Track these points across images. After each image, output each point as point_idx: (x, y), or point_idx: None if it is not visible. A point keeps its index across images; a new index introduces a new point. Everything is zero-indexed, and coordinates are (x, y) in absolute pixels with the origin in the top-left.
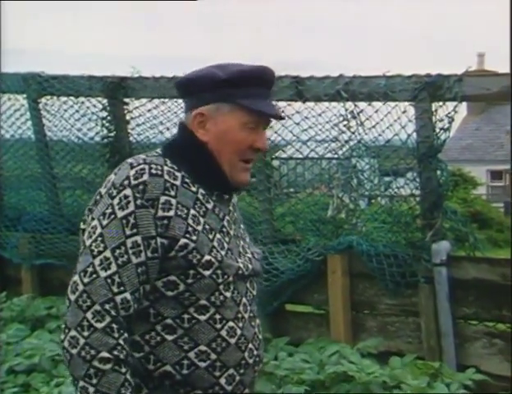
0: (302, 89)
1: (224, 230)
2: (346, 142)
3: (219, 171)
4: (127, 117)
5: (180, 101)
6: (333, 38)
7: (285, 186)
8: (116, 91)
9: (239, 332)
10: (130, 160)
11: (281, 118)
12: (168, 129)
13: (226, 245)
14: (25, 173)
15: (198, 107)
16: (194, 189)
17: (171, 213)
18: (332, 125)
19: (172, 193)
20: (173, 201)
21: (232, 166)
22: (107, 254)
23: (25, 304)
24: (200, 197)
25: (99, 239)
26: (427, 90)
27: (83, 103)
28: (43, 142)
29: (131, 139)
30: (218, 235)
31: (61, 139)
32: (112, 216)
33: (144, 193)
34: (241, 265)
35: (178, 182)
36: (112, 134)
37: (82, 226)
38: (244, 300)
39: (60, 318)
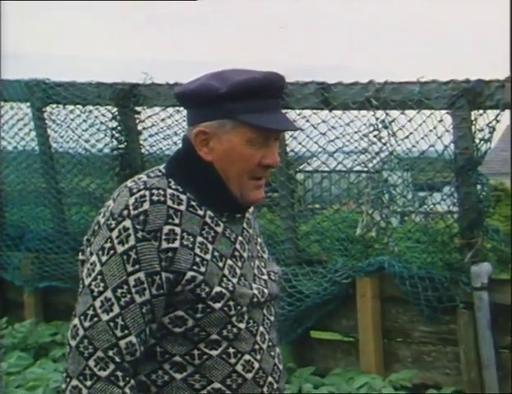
0: (328, 96)
1: (236, 254)
2: (377, 154)
3: (227, 192)
4: (139, 127)
5: None
6: (363, 40)
7: (310, 202)
8: (127, 99)
9: (256, 365)
10: (129, 184)
11: (292, 130)
12: None
13: (238, 270)
14: (28, 188)
15: (200, 123)
16: (201, 212)
17: (176, 243)
18: (362, 135)
19: (176, 220)
20: (178, 230)
21: (242, 185)
22: (109, 294)
23: (27, 330)
24: (208, 221)
25: (99, 277)
26: (466, 97)
27: (91, 111)
28: (48, 154)
29: (143, 150)
30: (229, 262)
31: (68, 151)
32: (112, 251)
33: (146, 224)
34: (256, 292)
35: (183, 207)
36: (122, 145)
37: (81, 256)
38: (261, 328)
39: (66, 345)
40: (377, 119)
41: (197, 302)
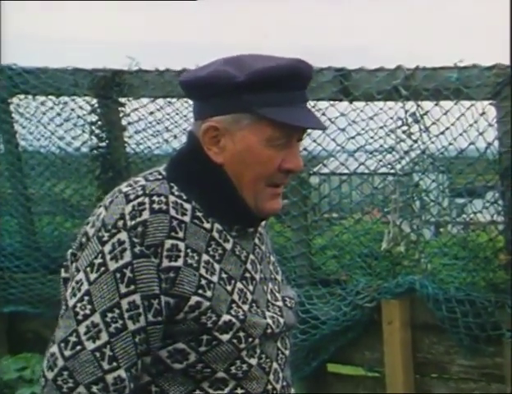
0: (349, 84)
1: (247, 275)
2: (406, 153)
3: (240, 201)
4: (123, 122)
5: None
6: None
7: (327, 210)
8: (109, 88)
9: None
10: (124, 189)
11: (321, 128)
12: (176, 137)
13: (249, 295)
14: None
15: (210, 117)
16: (207, 225)
17: (179, 262)
18: (388, 131)
19: (180, 234)
20: (181, 246)
21: (257, 193)
22: (96, 318)
23: None
24: (216, 235)
25: (86, 298)
26: None
27: (66, 103)
28: (15, 154)
29: (128, 149)
30: (239, 285)
31: (39, 151)
32: (103, 268)
33: (145, 237)
34: (270, 321)
35: (187, 218)
36: (103, 143)
37: (63, 274)
38: (274, 365)
39: (35, 382)
40: (406, 112)
41: (201, 333)
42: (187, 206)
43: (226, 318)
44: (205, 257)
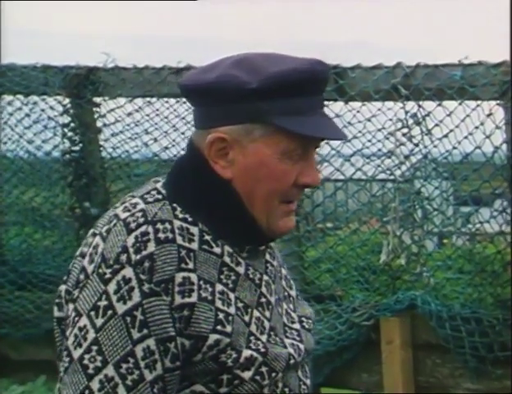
0: (344, 83)
1: (263, 300)
2: (407, 158)
3: (250, 220)
4: (98, 124)
5: (174, 101)
6: (390, 11)
7: (321, 220)
8: (83, 87)
9: None
10: (122, 214)
11: (342, 138)
12: (156, 140)
13: (266, 323)
14: None
15: (217, 127)
16: (217, 250)
17: (194, 297)
18: (387, 133)
19: (190, 265)
20: (194, 278)
21: (269, 211)
22: (110, 371)
23: None
24: (227, 260)
25: (94, 348)
26: None
27: (36, 103)
28: None
29: (104, 154)
30: (256, 313)
31: (5, 155)
32: (110, 312)
33: (153, 273)
34: (292, 350)
35: (195, 245)
36: (76, 147)
37: (57, 313)
38: None
39: None
40: (406, 113)
41: (221, 372)
42: (194, 230)
43: (246, 353)
44: (219, 287)
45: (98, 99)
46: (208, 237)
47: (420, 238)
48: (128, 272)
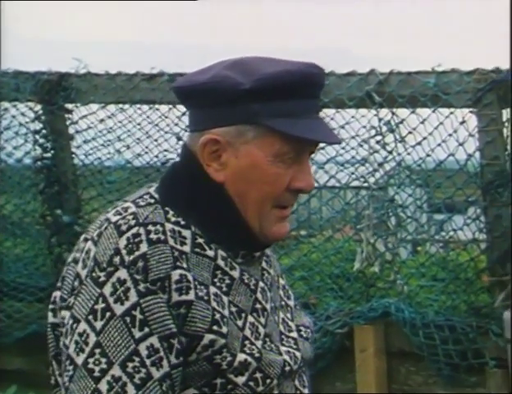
0: None
1: (258, 306)
2: (380, 165)
3: (243, 225)
4: (70, 131)
5: (147, 107)
6: (364, 18)
7: (294, 227)
8: (55, 93)
9: None
10: (113, 217)
11: (337, 142)
12: (129, 147)
13: (262, 329)
14: None
15: (210, 129)
16: (210, 253)
17: (191, 295)
18: (361, 141)
19: (184, 264)
20: (190, 276)
21: (262, 216)
22: (117, 371)
23: None
24: (221, 264)
25: (97, 351)
26: (496, 92)
27: (6, 109)
28: None
29: (76, 161)
30: (251, 318)
31: None
32: (108, 314)
33: (147, 272)
34: (287, 357)
35: (187, 248)
36: (48, 154)
37: (51, 319)
38: None
39: None
40: (380, 120)
41: (215, 376)
42: (186, 233)
43: (241, 357)
44: (213, 289)
45: (70, 106)
46: (200, 240)
47: (394, 245)
48: (122, 273)
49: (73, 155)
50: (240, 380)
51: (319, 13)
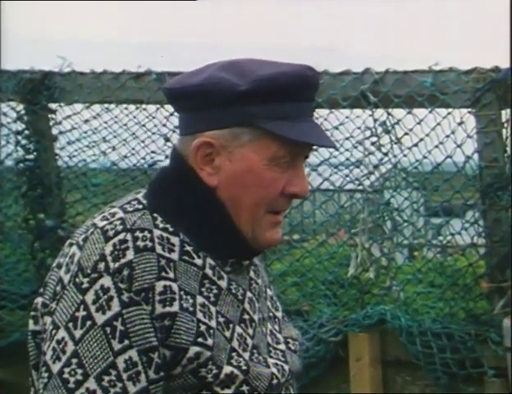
0: None
1: (246, 317)
2: (376, 167)
3: (235, 231)
4: (54, 131)
5: (133, 107)
6: (360, 15)
7: (287, 232)
8: (38, 93)
9: None
10: (100, 222)
11: (332, 146)
12: (115, 148)
13: (249, 340)
14: None
15: (203, 132)
16: (198, 261)
17: (175, 306)
18: (355, 142)
19: (171, 274)
20: (175, 287)
21: (255, 221)
22: (91, 384)
23: None
24: (209, 273)
25: (74, 361)
26: (495, 92)
27: None
28: None
29: (60, 163)
30: (238, 329)
31: None
32: (89, 322)
33: (132, 281)
34: (275, 370)
35: (175, 255)
36: (31, 156)
37: (32, 326)
38: None
39: None
40: (375, 121)
41: (200, 389)
42: (174, 240)
43: (227, 369)
44: (200, 299)
45: (53, 105)
46: (189, 248)
47: (390, 250)
48: (106, 280)
49: (57, 157)
50: (227, 393)
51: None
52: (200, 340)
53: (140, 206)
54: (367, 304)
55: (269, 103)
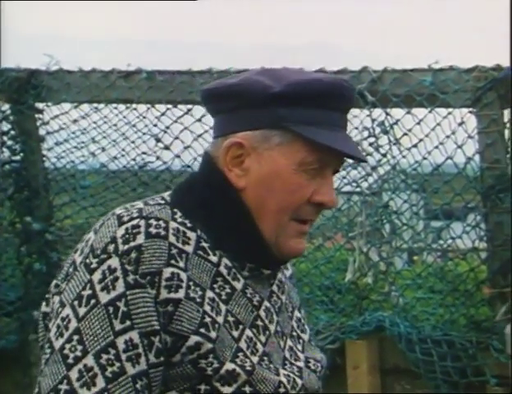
0: None
1: (259, 323)
2: (374, 169)
3: (257, 234)
4: (41, 132)
5: (123, 107)
6: (356, 12)
7: None
8: (24, 92)
9: None
10: (118, 211)
11: (363, 160)
12: (104, 149)
13: (260, 346)
14: None
15: (235, 133)
16: (214, 258)
17: (181, 293)
18: None
19: (181, 264)
20: (183, 276)
21: (280, 227)
22: (90, 361)
23: None
24: (223, 271)
25: (75, 338)
26: (497, 91)
27: None
28: None
29: (47, 164)
30: (249, 332)
31: None
32: (93, 301)
33: (139, 264)
34: (284, 379)
35: (190, 248)
36: (17, 157)
37: (44, 308)
38: None
39: None
40: (373, 121)
41: (199, 381)
42: (191, 235)
43: (229, 366)
44: (210, 293)
45: (40, 105)
46: (205, 244)
47: (388, 255)
48: (114, 261)
49: (44, 158)
50: (227, 390)
51: (312, 10)
52: (202, 330)
53: (163, 202)
54: (365, 310)
55: (301, 107)
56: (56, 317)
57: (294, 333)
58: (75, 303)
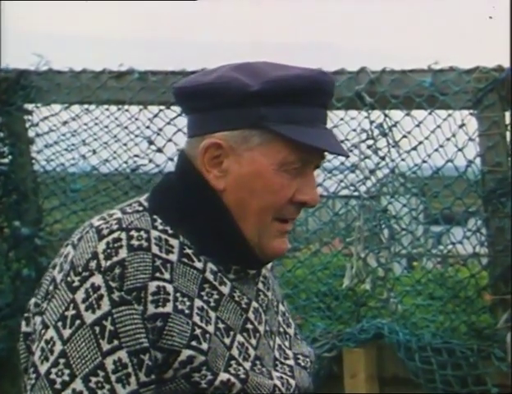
0: None
1: (249, 327)
2: (372, 172)
3: (240, 236)
4: (30, 134)
5: (115, 108)
6: (355, 11)
7: None
8: (13, 93)
9: None
10: (96, 222)
11: (344, 154)
12: (95, 152)
13: (252, 351)
14: None
15: (212, 133)
16: (199, 264)
17: (168, 307)
18: (350, 145)
19: (166, 275)
20: (169, 288)
21: (262, 228)
22: (78, 385)
23: None
24: (210, 277)
25: (61, 361)
26: (498, 92)
27: None
28: None
29: (37, 167)
30: (240, 338)
31: None
32: (78, 321)
33: (124, 280)
34: (278, 383)
35: (174, 257)
36: (5, 160)
37: (24, 328)
38: None
39: None
40: (372, 123)
41: None
42: (173, 242)
43: (223, 377)
44: (198, 302)
45: (29, 106)
46: (189, 251)
47: (387, 260)
48: (97, 279)
49: (33, 161)
50: None
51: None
52: (194, 343)
53: (141, 208)
54: (363, 317)
55: (281, 105)
56: (39, 339)
57: (281, 329)
58: (59, 324)
